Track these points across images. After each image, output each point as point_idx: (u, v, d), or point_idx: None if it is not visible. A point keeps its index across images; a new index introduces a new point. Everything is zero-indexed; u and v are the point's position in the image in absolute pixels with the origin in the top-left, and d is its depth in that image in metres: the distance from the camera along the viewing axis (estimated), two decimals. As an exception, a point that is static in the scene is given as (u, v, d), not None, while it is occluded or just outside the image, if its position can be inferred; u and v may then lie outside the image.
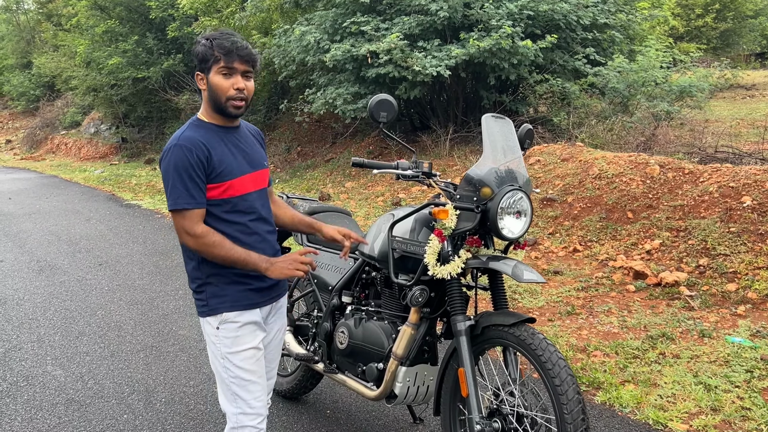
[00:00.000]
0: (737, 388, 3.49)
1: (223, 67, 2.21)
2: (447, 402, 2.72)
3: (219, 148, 2.27)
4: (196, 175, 2.19)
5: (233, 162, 2.28)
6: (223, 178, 2.24)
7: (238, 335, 2.31)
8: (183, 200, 2.19)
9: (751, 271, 4.95)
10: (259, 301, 2.38)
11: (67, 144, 22.61)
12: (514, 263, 2.46)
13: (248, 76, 2.26)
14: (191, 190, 2.19)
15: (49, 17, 28.00)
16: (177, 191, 2.19)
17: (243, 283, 2.33)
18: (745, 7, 21.92)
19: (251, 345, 2.34)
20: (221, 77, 2.22)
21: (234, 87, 2.22)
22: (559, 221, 6.69)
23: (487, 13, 9.32)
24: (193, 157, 2.19)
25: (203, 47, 2.22)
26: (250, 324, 2.34)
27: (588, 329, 4.46)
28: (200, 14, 14.46)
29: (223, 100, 2.24)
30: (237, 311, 2.32)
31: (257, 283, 2.36)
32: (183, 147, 2.20)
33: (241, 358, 2.31)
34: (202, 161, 2.20)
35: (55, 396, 3.83)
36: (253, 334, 2.35)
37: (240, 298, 2.32)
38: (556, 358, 2.28)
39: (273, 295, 2.45)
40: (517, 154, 2.68)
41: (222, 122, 2.33)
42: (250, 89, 2.28)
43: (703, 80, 9.59)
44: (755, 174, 5.75)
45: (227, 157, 2.27)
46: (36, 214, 10.53)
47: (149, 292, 5.86)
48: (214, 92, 2.24)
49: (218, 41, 2.20)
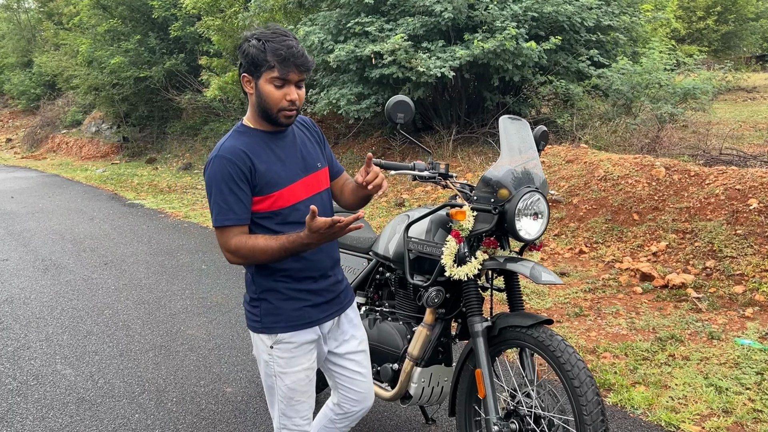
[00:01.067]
0: (748, 390, 3.50)
1: (277, 78, 2.03)
2: (462, 403, 2.72)
3: (265, 157, 2.11)
4: (238, 188, 2.05)
5: (281, 170, 2.13)
6: (270, 190, 2.09)
7: (293, 356, 2.21)
8: (223, 216, 2.06)
9: (758, 274, 4.96)
10: (317, 318, 2.25)
11: (68, 143, 22.57)
12: (532, 264, 2.47)
13: (300, 85, 2.10)
14: (232, 205, 2.05)
15: (50, 16, 27.94)
16: (218, 207, 2.06)
17: (299, 299, 2.20)
18: (747, 10, 21.97)
19: (304, 366, 2.24)
20: (273, 87, 2.04)
21: (286, 98, 2.06)
22: (564, 222, 6.70)
23: (492, 15, 9.32)
24: (235, 169, 2.04)
25: (255, 50, 2.02)
26: (306, 344, 2.23)
27: (597, 331, 4.47)
28: (203, 14, 14.44)
29: (274, 111, 2.08)
30: (292, 332, 2.20)
31: (315, 299, 2.23)
32: (224, 158, 2.05)
33: (294, 379, 2.22)
34: (244, 173, 2.05)
35: (65, 395, 3.83)
36: (308, 354, 2.25)
37: (296, 317, 2.20)
38: (575, 360, 2.29)
39: (333, 310, 2.31)
40: (533, 156, 2.69)
41: (270, 128, 2.16)
42: (302, 97, 2.11)
43: (707, 82, 9.60)
44: (761, 176, 5.76)
45: (274, 166, 2.12)
46: (39, 212, 10.53)
47: (156, 292, 5.87)
48: (263, 101, 2.07)
49: (272, 45, 2.01)
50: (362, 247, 3.29)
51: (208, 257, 6.95)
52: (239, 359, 4.30)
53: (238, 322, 5.01)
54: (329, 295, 2.27)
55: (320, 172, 2.26)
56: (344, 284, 2.40)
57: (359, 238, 3.35)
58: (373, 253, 3.15)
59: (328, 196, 2.33)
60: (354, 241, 3.36)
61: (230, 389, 3.86)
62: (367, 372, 2.47)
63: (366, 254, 3.25)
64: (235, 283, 6.08)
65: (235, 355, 4.37)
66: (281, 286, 2.18)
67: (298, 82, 2.07)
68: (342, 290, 2.36)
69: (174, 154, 17.93)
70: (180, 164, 16.55)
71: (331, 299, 2.29)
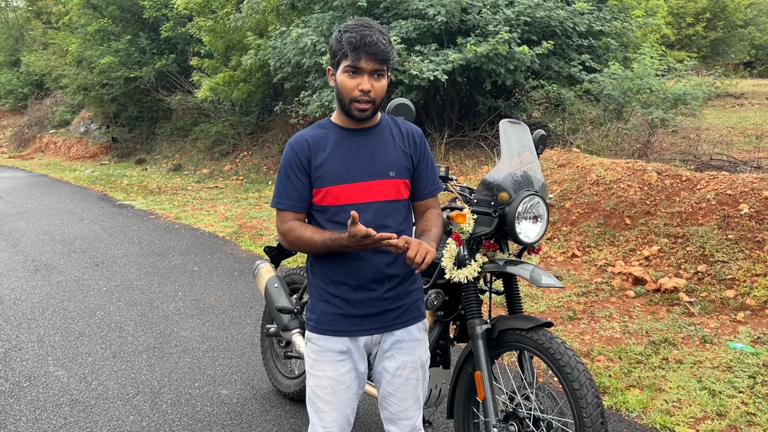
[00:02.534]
0: (741, 393, 3.53)
1: (349, 66, 2.01)
2: (461, 405, 2.73)
3: (329, 151, 2.10)
4: (294, 175, 2.11)
5: (339, 167, 2.09)
6: (321, 184, 2.09)
7: (317, 359, 2.16)
8: (276, 199, 2.14)
9: (749, 278, 5.00)
10: (347, 329, 2.14)
11: (56, 143, 22.43)
12: (532, 267, 2.48)
13: (379, 76, 2.03)
14: (287, 190, 2.12)
15: (39, 15, 27.79)
16: (276, 189, 2.15)
17: (332, 303, 2.14)
18: (735, 17, 22.18)
19: (328, 374, 2.15)
20: (347, 76, 2.03)
21: (359, 88, 2.02)
22: (557, 226, 6.73)
23: (485, 19, 9.37)
24: (295, 157, 2.11)
25: (335, 40, 2.05)
26: (332, 352, 2.15)
27: (590, 334, 4.50)
28: (195, 15, 14.41)
29: (347, 101, 2.05)
30: (318, 334, 2.16)
31: (349, 309, 2.13)
32: (291, 145, 2.13)
33: (316, 383, 2.17)
34: (302, 162, 2.10)
35: (59, 396, 3.80)
36: (334, 364, 2.15)
37: (325, 321, 2.15)
38: (575, 363, 2.30)
39: (372, 327, 2.16)
40: (533, 159, 2.70)
41: (349, 124, 2.13)
42: (378, 90, 2.04)
43: (697, 88, 9.69)
44: (752, 182, 5.81)
45: (334, 162, 2.09)
46: (28, 213, 10.44)
47: (148, 293, 5.83)
48: (339, 91, 2.07)
49: (348, 34, 2.00)
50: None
51: (200, 259, 6.92)
52: (234, 361, 4.28)
53: (232, 324, 4.99)
54: (368, 310, 2.13)
55: (389, 181, 2.13)
56: (398, 304, 2.18)
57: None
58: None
59: (396, 208, 2.16)
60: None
61: (225, 391, 3.84)
62: (402, 397, 2.25)
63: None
64: (228, 284, 6.06)
65: (230, 357, 4.36)
66: (320, 285, 2.16)
67: (374, 72, 2.02)
68: (390, 309, 2.17)
69: (164, 155, 17.86)
70: (170, 165, 16.49)
71: (370, 314, 2.14)
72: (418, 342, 2.27)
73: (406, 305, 2.21)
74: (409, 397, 2.26)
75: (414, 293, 2.25)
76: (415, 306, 2.25)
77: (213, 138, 16.31)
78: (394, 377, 2.23)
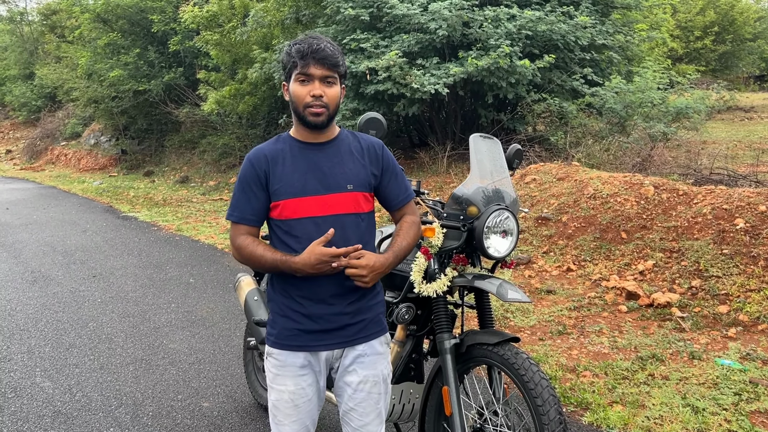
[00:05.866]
0: (725, 410, 3.48)
1: (300, 74, 2.06)
2: (432, 420, 2.71)
3: (286, 164, 2.11)
4: (250, 189, 2.13)
5: (297, 181, 2.10)
6: (279, 197, 2.11)
7: (278, 374, 2.16)
8: (231, 211, 2.17)
9: (742, 294, 4.95)
10: (307, 344, 2.14)
11: (67, 155, 22.65)
12: (500, 282, 2.47)
13: (330, 82, 2.08)
14: (241, 203, 2.14)
15: (53, 29, 28.18)
16: (232, 202, 2.18)
17: (292, 319, 2.14)
18: (744, 30, 22.11)
19: (289, 388, 2.15)
20: (298, 84, 2.07)
21: (311, 93, 2.05)
22: (553, 240, 6.70)
23: (486, 33, 9.39)
24: (253, 170, 2.12)
25: (285, 54, 2.11)
26: (293, 367, 2.15)
27: (578, 349, 4.46)
28: (202, 29, 14.55)
29: (301, 108, 2.08)
30: (279, 349, 2.16)
31: (308, 324, 2.13)
32: (249, 159, 2.15)
33: (278, 397, 2.17)
34: (259, 176, 2.12)
35: (42, 408, 3.81)
36: (295, 378, 2.15)
37: (285, 336, 2.15)
38: (538, 378, 2.28)
39: (332, 342, 2.15)
40: (504, 174, 2.70)
41: (307, 138, 2.15)
42: (331, 96, 2.07)
43: (700, 102, 9.64)
44: (749, 196, 5.76)
45: (290, 175, 2.10)
46: (32, 224, 10.54)
47: (142, 305, 5.86)
48: (293, 101, 2.10)
49: (297, 46, 2.07)
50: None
51: (197, 271, 6.94)
52: (219, 374, 4.28)
53: (222, 336, 4.99)
54: (328, 325, 2.13)
55: (347, 194, 2.12)
56: (359, 318, 2.18)
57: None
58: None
59: (355, 221, 2.14)
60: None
61: (207, 404, 3.84)
62: (363, 412, 2.23)
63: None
64: (222, 297, 6.08)
65: (215, 369, 4.36)
66: (280, 300, 2.16)
67: (324, 79, 2.06)
68: (351, 323, 2.16)
69: (172, 167, 17.98)
70: (177, 177, 16.59)
71: (330, 329, 2.13)
72: (381, 356, 2.25)
73: (367, 320, 2.20)
74: (371, 412, 2.24)
75: (375, 307, 2.24)
76: (376, 320, 2.24)
77: (220, 150, 16.41)
78: (356, 392, 2.21)
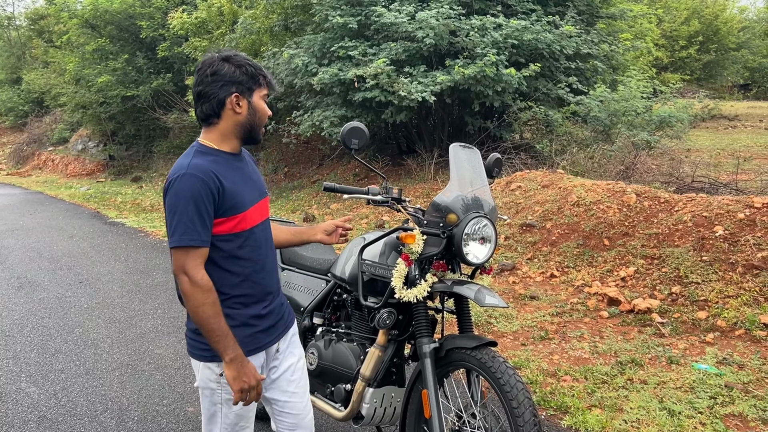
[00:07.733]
0: (700, 414, 3.56)
1: (266, 95, 2.18)
2: (412, 423, 2.76)
3: (231, 178, 2.09)
4: (205, 209, 1.99)
5: (245, 192, 2.14)
6: (235, 211, 2.07)
7: None
8: (189, 236, 1.97)
9: (721, 300, 5.04)
10: (267, 341, 2.23)
11: (54, 160, 22.58)
12: (478, 288, 2.53)
13: None
14: (198, 226, 1.98)
15: (41, 34, 28.12)
16: (183, 225, 1.97)
17: (251, 325, 2.17)
18: (728, 40, 22.40)
19: None
20: (264, 104, 2.18)
21: (267, 115, 2.21)
22: (537, 247, 6.78)
23: (473, 41, 9.49)
24: (206, 189, 1.99)
25: (245, 67, 2.11)
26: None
27: (559, 354, 4.53)
28: (191, 35, 14.59)
29: (261, 126, 2.19)
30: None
31: (264, 323, 2.21)
32: (195, 176, 1.99)
33: (244, 407, 2.19)
34: (214, 194, 2.01)
35: (27, 413, 3.84)
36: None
37: (248, 342, 2.14)
38: (514, 381, 2.34)
39: (279, 332, 2.30)
40: (483, 183, 2.77)
41: (234, 149, 2.18)
42: None
43: (683, 111, 9.78)
44: (728, 204, 5.87)
45: (239, 187, 2.11)
46: (19, 230, 10.51)
47: (128, 311, 5.88)
48: (256, 117, 2.15)
49: (256, 66, 2.14)
50: (321, 269, 3.34)
51: (184, 277, 6.94)
52: (204, 379, 4.31)
53: (208, 341, 5.02)
54: (275, 318, 2.27)
55: (267, 198, 2.31)
56: (286, 303, 2.41)
57: (319, 260, 3.40)
58: (331, 274, 3.20)
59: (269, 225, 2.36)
60: (314, 263, 3.41)
61: (192, 409, 3.87)
62: (303, 392, 2.40)
63: (325, 275, 3.30)
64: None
65: (201, 374, 4.39)
66: (234, 313, 2.12)
67: None
68: (285, 310, 2.38)
69: (160, 173, 17.96)
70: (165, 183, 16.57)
71: (277, 321, 2.28)
72: (297, 336, 2.48)
73: (287, 305, 2.43)
74: (306, 388, 2.44)
75: None
76: (289, 305, 2.47)
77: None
78: (295, 372, 2.37)
